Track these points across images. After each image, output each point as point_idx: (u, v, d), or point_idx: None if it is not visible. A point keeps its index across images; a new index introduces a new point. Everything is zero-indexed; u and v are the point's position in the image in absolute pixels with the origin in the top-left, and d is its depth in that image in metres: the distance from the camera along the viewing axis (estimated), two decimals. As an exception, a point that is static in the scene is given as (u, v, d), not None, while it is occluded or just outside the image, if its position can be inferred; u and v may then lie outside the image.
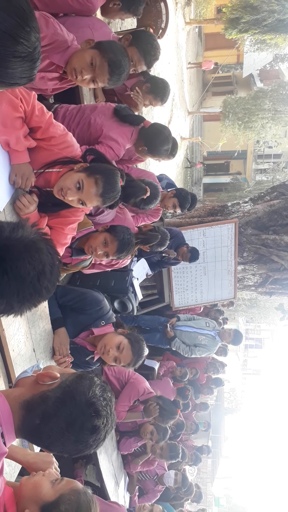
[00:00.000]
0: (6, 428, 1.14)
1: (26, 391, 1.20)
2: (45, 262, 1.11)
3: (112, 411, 1.24)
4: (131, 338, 2.59)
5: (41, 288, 1.11)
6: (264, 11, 10.23)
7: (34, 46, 1.02)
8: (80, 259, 2.67)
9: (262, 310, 16.51)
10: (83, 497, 1.29)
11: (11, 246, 1.06)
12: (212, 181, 21.80)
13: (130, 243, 2.60)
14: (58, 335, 2.48)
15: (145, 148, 2.89)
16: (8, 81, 1.04)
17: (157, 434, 4.13)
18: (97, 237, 2.56)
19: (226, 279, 6.28)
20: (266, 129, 13.62)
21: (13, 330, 1.95)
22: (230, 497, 32.34)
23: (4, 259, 1.04)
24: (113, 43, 2.22)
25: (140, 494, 4.72)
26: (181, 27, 14.00)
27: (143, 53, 2.70)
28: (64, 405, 1.16)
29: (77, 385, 1.19)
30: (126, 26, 6.17)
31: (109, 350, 2.51)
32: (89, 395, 1.18)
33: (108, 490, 3.64)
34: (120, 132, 2.73)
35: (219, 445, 22.53)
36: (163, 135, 2.97)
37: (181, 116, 13.84)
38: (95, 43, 2.12)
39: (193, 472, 10.05)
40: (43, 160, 1.92)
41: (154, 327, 5.64)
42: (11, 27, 0.97)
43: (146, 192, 2.90)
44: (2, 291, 1.04)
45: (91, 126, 2.69)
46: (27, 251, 1.08)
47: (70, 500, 1.26)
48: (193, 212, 6.57)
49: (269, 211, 6.38)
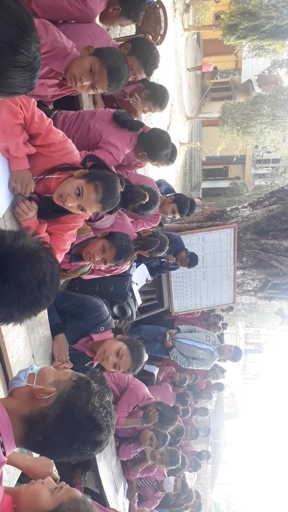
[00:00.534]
0: (6, 437, 1.13)
1: (23, 405, 1.18)
2: (45, 271, 1.11)
3: (113, 415, 1.23)
4: (130, 344, 2.58)
5: (42, 297, 1.11)
6: (262, 18, 10.30)
7: (34, 56, 1.03)
8: (79, 265, 2.66)
9: (262, 315, 16.50)
10: (82, 506, 1.28)
11: (12, 255, 1.07)
12: (211, 186, 21.85)
13: (129, 250, 2.59)
14: (57, 341, 2.47)
15: (145, 153, 2.90)
16: (9, 91, 1.05)
17: (157, 440, 4.12)
18: (95, 244, 2.55)
19: (226, 284, 6.28)
20: (265, 134, 13.67)
21: (12, 337, 1.95)
22: (230, 503, 32.14)
23: (6, 268, 1.05)
24: (112, 49, 2.23)
25: (140, 501, 4.69)
26: (179, 34, 14.09)
27: (142, 62, 2.72)
28: (64, 423, 1.15)
29: (75, 400, 1.17)
30: (125, 32, 6.21)
31: (109, 356, 2.51)
32: (88, 410, 1.16)
33: (108, 497, 3.62)
34: (119, 138, 2.74)
35: (219, 451, 22.41)
36: (163, 140, 2.98)
37: (180, 122, 13.90)
38: (94, 49, 2.13)
39: (193, 478, 9.99)
40: (42, 167, 1.92)
41: (154, 337, 5.67)
42: (12, 37, 0.97)
43: (145, 198, 2.90)
44: (3, 300, 1.05)
45: (90, 131, 2.70)
46: (28, 260, 1.08)
47: (70, 509, 1.24)
48: (192, 217, 6.57)
49: (268, 216, 6.39)
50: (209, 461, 11.39)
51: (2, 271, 1.04)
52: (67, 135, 2.61)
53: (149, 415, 3.93)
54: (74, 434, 1.15)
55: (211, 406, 13.73)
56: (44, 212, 2.01)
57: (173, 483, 4.75)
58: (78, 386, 1.20)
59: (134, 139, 2.87)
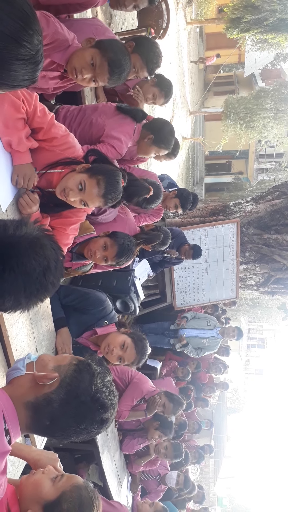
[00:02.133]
0: (12, 424, 1.15)
1: (27, 392, 1.20)
2: (49, 258, 1.13)
3: (115, 393, 1.26)
4: (134, 337, 2.60)
5: (47, 283, 1.13)
6: (265, 11, 10.22)
7: (37, 49, 1.04)
8: (80, 264, 2.67)
9: (265, 310, 16.51)
10: (85, 493, 1.29)
11: (16, 243, 1.08)
12: (214, 180, 21.79)
13: (130, 249, 2.59)
14: (60, 335, 2.48)
15: (151, 136, 2.85)
16: (11, 83, 1.05)
17: (164, 434, 4.15)
18: (97, 241, 2.56)
19: (228, 278, 6.28)
20: (268, 129, 13.60)
21: (16, 330, 1.96)
22: (233, 497, 32.32)
23: (11, 256, 1.06)
24: (113, 41, 2.21)
25: (143, 494, 4.73)
26: (182, 27, 14.00)
27: (145, 60, 2.72)
28: (70, 405, 1.17)
29: (78, 383, 1.19)
30: (127, 26, 6.19)
31: (113, 349, 2.52)
32: (93, 391, 1.19)
33: (111, 490, 3.65)
34: (122, 131, 2.73)
35: (221, 445, 22.52)
36: (170, 126, 3.00)
37: (182, 116, 13.84)
38: (95, 41, 2.12)
39: (196, 472, 10.03)
40: (45, 161, 1.93)
41: (161, 333, 5.91)
42: (15, 30, 0.98)
43: (149, 192, 2.90)
44: (9, 288, 1.06)
45: (93, 126, 2.70)
46: (32, 247, 1.10)
47: (72, 498, 1.26)
48: (194, 212, 6.57)
49: (271, 211, 6.37)
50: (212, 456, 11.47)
51: (7, 259, 1.05)
52: (69, 129, 2.61)
53: (152, 405, 3.95)
54: (81, 415, 1.18)
55: (214, 401, 13.79)
56: (47, 206, 2.02)
57: (176, 478, 4.78)
58: (80, 369, 1.22)
59: (137, 132, 2.86)
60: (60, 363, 1.24)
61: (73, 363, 1.24)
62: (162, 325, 5.96)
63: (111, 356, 2.53)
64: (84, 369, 1.23)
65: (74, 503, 1.26)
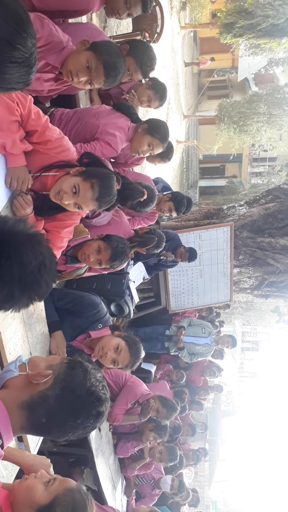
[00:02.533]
0: (4, 428, 1.15)
1: (21, 392, 1.20)
2: (45, 255, 1.14)
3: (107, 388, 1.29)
4: (128, 340, 2.60)
5: (41, 280, 1.13)
6: (258, 16, 10.30)
7: (30, 52, 1.04)
8: (74, 267, 2.66)
9: (258, 313, 16.55)
10: (78, 496, 1.28)
11: (14, 233, 1.10)
12: (208, 184, 21.86)
13: (124, 252, 2.59)
14: (54, 338, 2.48)
15: (146, 125, 2.85)
16: (5, 86, 1.06)
17: (159, 437, 4.14)
18: (91, 245, 2.55)
19: (222, 282, 6.30)
20: (261, 133, 13.69)
21: (10, 334, 1.95)
22: (227, 500, 32.29)
23: (8, 244, 1.07)
24: (108, 43, 2.21)
25: (137, 498, 4.71)
26: (176, 31, 14.07)
27: (139, 64, 2.73)
28: (66, 400, 1.19)
29: (72, 378, 1.22)
30: (122, 30, 6.21)
31: (107, 352, 2.52)
32: (87, 385, 1.22)
33: (106, 494, 3.63)
34: (117, 127, 2.74)
35: (216, 448, 22.49)
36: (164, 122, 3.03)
37: (176, 120, 13.90)
38: (90, 44, 2.11)
39: (190, 476, 10.01)
40: (39, 164, 1.93)
41: (155, 337, 5.97)
42: (8, 33, 0.98)
43: (144, 195, 2.90)
44: (4, 276, 1.06)
45: (87, 127, 2.70)
46: (29, 240, 1.12)
47: (65, 501, 1.25)
48: (189, 215, 6.59)
49: (265, 214, 6.41)
50: (207, 459, 11.44)
51: (4, 246, 1.06)
52: (64, 132, 2.60)
53: (146, 409, 3.94)
54: (77, 409, 1.20)
55: (208, 404, 13.79)
56: (41, 209, 2.01)
57: (170, 482, 4.76)
58: (72, 366, 1.25)
59: (131, 130, 2.88)
60: (51, 363, 1.27)
61: (64, 362, 1.27)
62: (156, 330, 5.99)
63: (105, 359, 2.53)
64: (77, 366, 1.25)
65: (67, 507, 1.25)
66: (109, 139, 2.67)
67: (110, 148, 2.70)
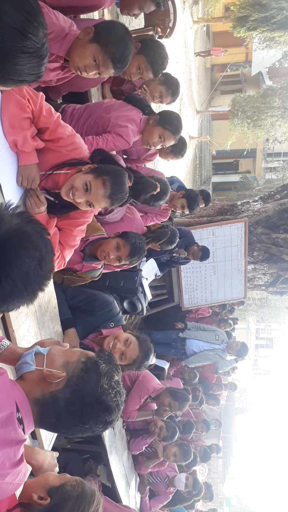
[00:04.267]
0: (25, 414, 1.16)
1: (34, 388, 1.21)
2: (39, 247, 1.06)
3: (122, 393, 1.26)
4: (139, 337, 2.60)
5: (46, 272, 1.09)
6: (272, 9, 10.16)
7: (42, 42, 1.03)
8: (90, 266, 2.67)
9: (273, 310, 16.41)
10: (88, 486, 1.35)
11: (2, 246, 1.00)
12: (221, 180, 21.70)
13: (142, 248, 2.62)
14: (68, 335, 2.48)
15: (157, 117, 2.84)
16: (17, 78, 1.04)
17: (166, 431, 4.14)
18: (109, 242, 2.58)
19: (236, 278, 6.24)
20: (276, 127, 13.51)
21: (23, 331, 1.96)
22: (241, 497, 32.16)
23: (2, 264, 0.99)
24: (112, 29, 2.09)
25: (151, 496, 4.71)
26: (189, 26, 13.95)
27: (150, 62, 2.70)
28: (75, 406, 1.18)
29: (84, 383, 1.20)
30: (134, 25, 6.17)
31: (116, 344, 2.52)
32: (98, 393, 1.19)
33: (119, 491, 3.64)
34: (128, 119, 2.73)
35: (230, 445, 22.42)
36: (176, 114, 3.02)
37: (189, 115, 13.80)
38: (93, 33, 2.02)
39: (204, 472, 10.00)
40: (51, 162, 1.91)
41: (168, 343, 5.92)
42: (20, 22, 0.98)
43: (156, 188, 2.88)
44: (11, 294, 1.03)
45: (99, 121, 2.70)
46: (19, 244, 1.02)
47: (76, 482, 1.33)
48: (202, 212, 6.54)
49: (280, 210, 6.32)
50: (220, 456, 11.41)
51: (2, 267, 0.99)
52: (76, 127, 2.59)
53: (161, 412, 4.00)
54: (85, 416, 1.19)
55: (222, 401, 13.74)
56: (53, 207, 2.00)
57: (184, 481, 4.75)
58: (87, 368, 1.22)
59: (143, 122, 2.86)
60: (69, 359, 1.24)
61: (81, 361, 1.23)
62: (170, 336, 5.95)
63: (113, 351, 2.52)
64: (92, 368, 1.22)
65: (77, 487, 1.32)
66: (121, 130, 2.66)
67: (123, 140, 2.69)
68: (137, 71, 2.72)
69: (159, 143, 2.93)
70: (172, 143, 3.01)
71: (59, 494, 1.29)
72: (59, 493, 1.29)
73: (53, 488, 1.31)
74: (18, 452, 1.13)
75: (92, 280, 2.76)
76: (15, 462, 1.11)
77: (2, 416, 1.09)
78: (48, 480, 1.34)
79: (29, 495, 1.31)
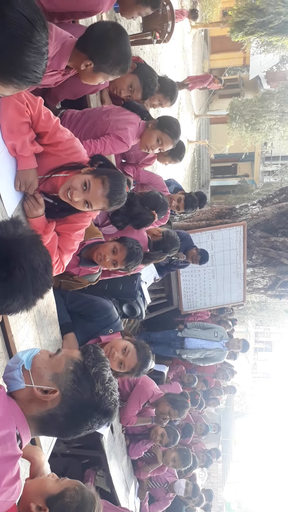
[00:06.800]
0: (23, 430, 1.16)
1: (29, 406, 1.20)
2: (47, 254, 1.16)
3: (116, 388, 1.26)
4: (137, 344, 2.59)
5: (49, 279, 1.15)
6: (270, 13, 10.20)
7: (45, 41, 1.07)
8: (87, 271, 2.66)
9: (272, 313, 16.40)
10: (87, 492, 1.36)
11: (21, 241, 1.10)
12: (220, 183, 21.73)
13: (139, 254, 2.61)
14: (67, 340, 2.47)
15: (156, 120, 2.89)
16: (20, 72, 1.06)
17: (168, 437, 4.12)
18: (107, 245, 2.58)
19: (235, 282, 6.24)
20: (274, 131, 13.56)
21: (22, 336, 1.95)
22: (241, 502, 32.03)
23: (18, 253, 1.07)
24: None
25: (151, 501, 4.68)
26: (187, 31, 14.02)
27: (143, 85, 2.77)
28: (75, 418, 1.20)
29: (80, 396, 1.18)
30: (132, 30, 6.20)
31: (114, 353, 2.51)
32: (95, 402, 1.19)
33: (119, 496, 3.62)
34: (128, 122, 2.76)
35: (229, 449, 22.34)
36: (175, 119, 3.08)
37: (188, 120, 13.84)
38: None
39: (204, 477, 9.95)
40: (50, 166, 1.91)
41: (167, 342, 5.94)
42: (29, 13, 1.02)
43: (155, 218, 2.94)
44: (19, 285, 1.07)
45: (98, 124, 2.71)
46: (34, 244, 1.12)
47: (75, 491, 1.33)
48: (201, 215, 6.54)
49: (278, 213, 6.33)
50: (220, 460, 11.37)
51: (15, 256, 1.06)
52: (74, 131, 2.59)
53: (160, 419, 4.01)
54: (87, 424, 1.21)
55: (221, 405, 13.72)
56: (52, 211, 2.00)
57: (184, 487, 4.72)
58: (78, 378, 1.20)
59: (142, 126, 2.88)
60: (56, 371, 1.21)
61: (70, 370, 1.20)
62: (168, 335, 5.96)
63: (111, 360, 2.51)
64: (83, 377, 1.20)
65: (76, 497, 1.32)
66: (120, 133, 2.68)
67: (121, 143, 2.70)
68: (128, 89, 2.78)
69: (157, 146, 2.95)
70: (170, 147, 3.03)
71: (58, 506, 1.29)
72: (58, 504, 1.29)
73: (52, 497, 1.30)
74: (14, 468, 1.13)
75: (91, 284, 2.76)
76: (11, 479, 1.11)
77: (2, 434, 1.09)
78: (46, 487, 1.33)
79: (27, 504, 1.29)
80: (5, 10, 0.99)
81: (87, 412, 1.19)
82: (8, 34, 1.00)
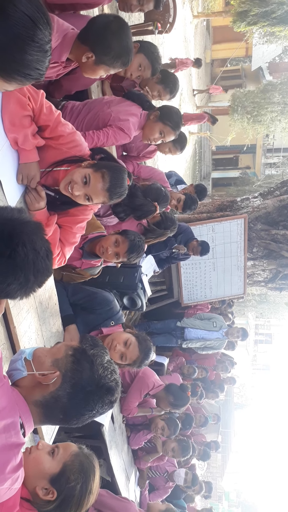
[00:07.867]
0: (26, 419, 1.19)
1: (32, 392, 1.24)
2: (49, 242, 1.18)
3: (116, 370, 1.31)
4: (139, 337, 2.61)
5: (50, 265, 1.16)
6: (273, 3, 10.09)
7: (48, 38, 1.08)
8: (89, 264, 2.68)
9: (272, 306, 16.47)
10: (84, 459, 1.40)
11: (26, 222, 1.12)
12: (221, 175, 21.66)
13: (141, 246, 2.65)
14: (68, 332, 2.49)
15: (158, 112, 2.90)
16: (23, 70, 1.07)
17: (168, 430, 4.16)
18: (109, 238, 2.61)
19: (236, 274, 6.26)
20: (276, 123, 13.48)
21: (24, 328, 1.97)
22: (240, 491, 32.34)
23: (22, 232, 1.09)
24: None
25: (151, 490, 4.75)
26: (189, 21, 13.88)
27: (151, 60, 2.80)
28: (78, 397, 1.23)
29: (80, 374, 1.23)
30: (133, 21, 6.13)
31: (116, 346, 2.53)
32: (96, 379, 1.24)
33: (119, 485, 3.67)
34: (129, 113, 2.76)
35: (229, 440, 22.52)
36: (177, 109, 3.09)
37: (189, 111, 13.75)
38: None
39: (203, 467, 10.05)
40: (51, 159, 1.92)
41: (168, 332, 5.98)
42: (32, 11, 1.03)
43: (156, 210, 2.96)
44: (21, 263, 1.08)
45: (100, 115, 2.72)
46: (37, 228, 1.15)
47: (75, 467, 1.36)
48: (202, 208, 6.54)
49: (279, 206, 6.32)
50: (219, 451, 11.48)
51: (19, 234, 1.09)
52: (75, 123, 2.60)
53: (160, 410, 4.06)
54: (90, 403, 1.24)
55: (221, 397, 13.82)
56: (53, 204, 2.01)
57: (184, 476, 4.78)
58: (78, 359, 1.26)
59: (143, 117, 2.88)
60: (56, 356, 1.27)
61: (69, 354, 1.27)
62: (168, 325, 6.00)
63: (113, 353, 2.54)
64: (82, 357, 1.26)
65: (78, 472, 1.36)
66: (122, 124, 2.69)
67: (123, 134, 2.71)
68: (138, 69, 2.77)
69: (160, 139, 2.97)
70: (172, 138, 3.04)
71: (65, 489, 1.33)
72: (64, 484, 1.33)
73: (54, 476, 1.34)
74: (18, 456, 1.16)
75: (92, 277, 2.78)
76: (15, 467, 1.14)
77: (6, 423, 1.12)
78: (45, 468, 1.35)
79: (31, 489, 1.33)
80: (8, 9, 1.00)
81: (88, 390, 1.22)
82: (11, 33, 1.01)
